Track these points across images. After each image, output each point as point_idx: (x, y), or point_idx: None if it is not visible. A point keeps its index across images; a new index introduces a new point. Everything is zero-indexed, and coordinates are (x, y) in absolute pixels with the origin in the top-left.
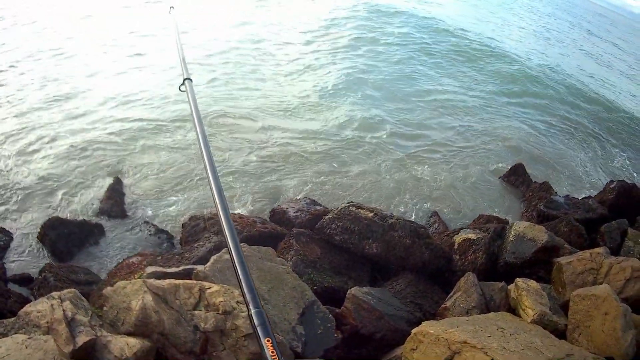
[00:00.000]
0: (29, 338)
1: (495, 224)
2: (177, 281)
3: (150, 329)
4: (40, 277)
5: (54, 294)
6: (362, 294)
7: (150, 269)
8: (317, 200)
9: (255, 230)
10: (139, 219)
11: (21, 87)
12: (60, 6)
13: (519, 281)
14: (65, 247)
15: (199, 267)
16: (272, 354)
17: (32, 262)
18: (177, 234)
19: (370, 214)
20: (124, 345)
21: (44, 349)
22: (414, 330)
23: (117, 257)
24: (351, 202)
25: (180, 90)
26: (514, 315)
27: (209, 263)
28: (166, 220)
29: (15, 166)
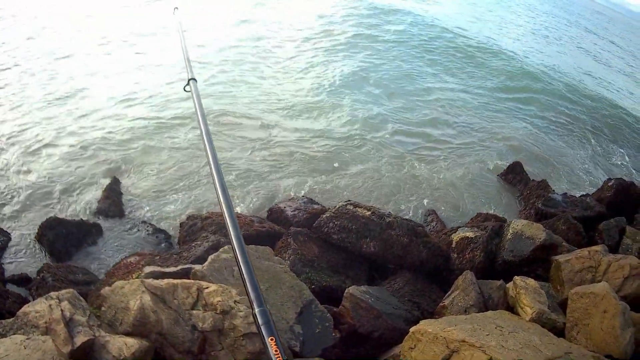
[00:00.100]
0: (27, 338)
1: (493, 222)
2: (175, 281)
3: (149, 329)
4: (38, 277)
5: (52, 294)
6: (360, 292)
7: (148, 269)
8: (314, 198)
9: (252, 229)
10: (137, 218)
11: (20, 87)
12: (60, 6)
13: (517, 279)
14: (63, 247)
15: (197, 267)
16: (276, 352)
17: (30, 262)
18: (175, 233)
19: (368, 213)
20: (122, 345)
21: (42, 350)
22: (412, 329)
23: (115, 257)
24: (349, 200)
25: (185, 90)
26: (513, 314)
27: (206, 262)
28: (164, 220)
29: (13, 166)
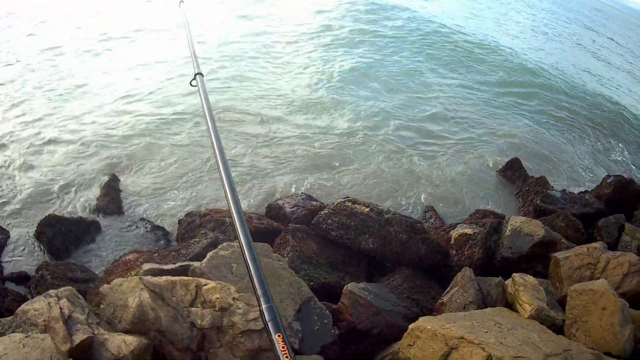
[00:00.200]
0: (26, 337)
1: (492, 218)
2: (174, 278)
3: (147, 326)
4: (37, 275)
5: (50, 292)
6: (359, 289)
7: (147, 266)
8: (313, 195)
9: (251, 226)
10: (136, 215)
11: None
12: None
13: (516, 276)
14: (62, 244)
15: (195, 264)
16: (283, 349)
17: (29, 260)
18: (174, 230)
19: (366, 209)
20: (121, 343)
21: (41, 348)
22: (411, 326)
23: (114, 254)
24: (347, 197)
25: (191, 85)
26: (511, 311)
27: (205, 259)
28: (163, 217)
29: (12, 163)
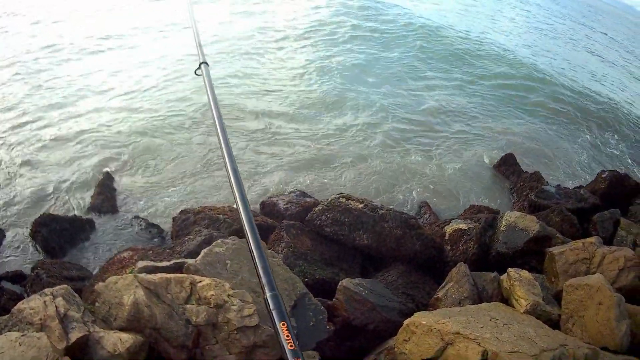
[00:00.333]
0: (22, 335)
1: (487, 214)
2: (169, 275)
3: (143, 324)
4: (32, 274)
5: (46, 290)
6: (354, 285)
7: (142, 264)
8: (307, 191)
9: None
10: (130, 213)
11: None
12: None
13: (511, 271)
14: (57, 243)
15: (190, 261)
16: (287, 337)
17: (25, 259)
18: (168, 228)
19: (360, 205)
20: (116, 341)
21: (37, 346)
22: (406, 322)
23: (109, 252)
24: (341, 193)
25: (196, 74)
26: (507, 306)
27: (199, 256)
28: (157, 215)
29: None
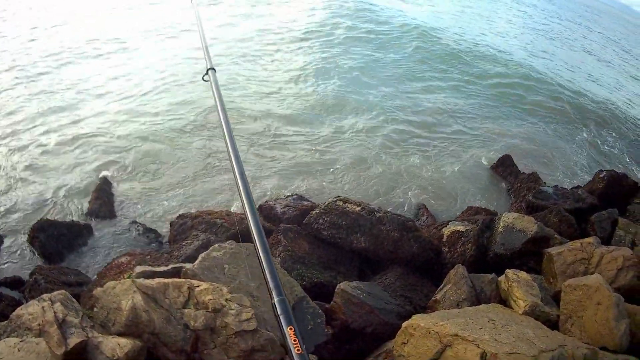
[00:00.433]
0: (21, 341)
1: (484, 215)
2: (166, 280)
3: (141, 329)
4: (31, 279)
5: (44, 296)
6: (352, 288)
7: (139, 269)
8: (304, 195)
9: (243, 227)
10: (128, 218)
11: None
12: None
13: (509, 272)
14: (55, 248)
15: (188, 266)
16: (295, 341)
17: (23, 264)
18: (166, 232)
19: (358, 208)
20: (115, 346)
21: (36, 352)
22: (405, 324)
23: (107, 258)
24: (338, 196)
25: (203, 80)
26: (505, 307)
27: (197, 261)
28: (155, 219)
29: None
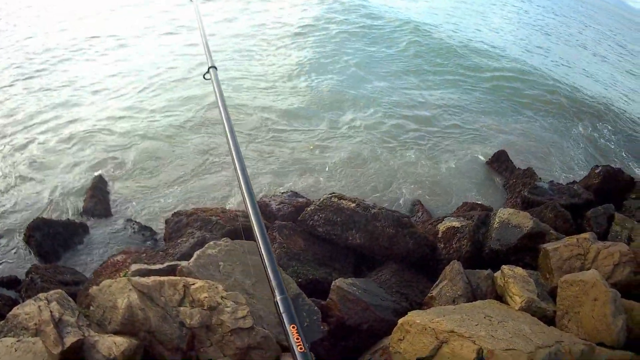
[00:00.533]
0: (17, 341)
1: (480, 211)
2: (162, 278)
3: (137, 327)
4: (27, 278)
5: (40, 295)
6: (347, 285)
7: (135, 267)
8: (300, 192)
9: (238, 223)
10: (123, 216)
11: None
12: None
13: (505, 268)
14: (51, 247)
15: (183, 263)
16: (297, 340)
17: (19, 264)
18: (161, 230)
19: (353, 205)
20: (111, 344)
21: (33, 351)
22: (401, 321)
23: (102, 256)
24: (333, 192)
25: (205, 78)
26: (502, 303)
27: (192, 259)
28: (151, 217)
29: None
